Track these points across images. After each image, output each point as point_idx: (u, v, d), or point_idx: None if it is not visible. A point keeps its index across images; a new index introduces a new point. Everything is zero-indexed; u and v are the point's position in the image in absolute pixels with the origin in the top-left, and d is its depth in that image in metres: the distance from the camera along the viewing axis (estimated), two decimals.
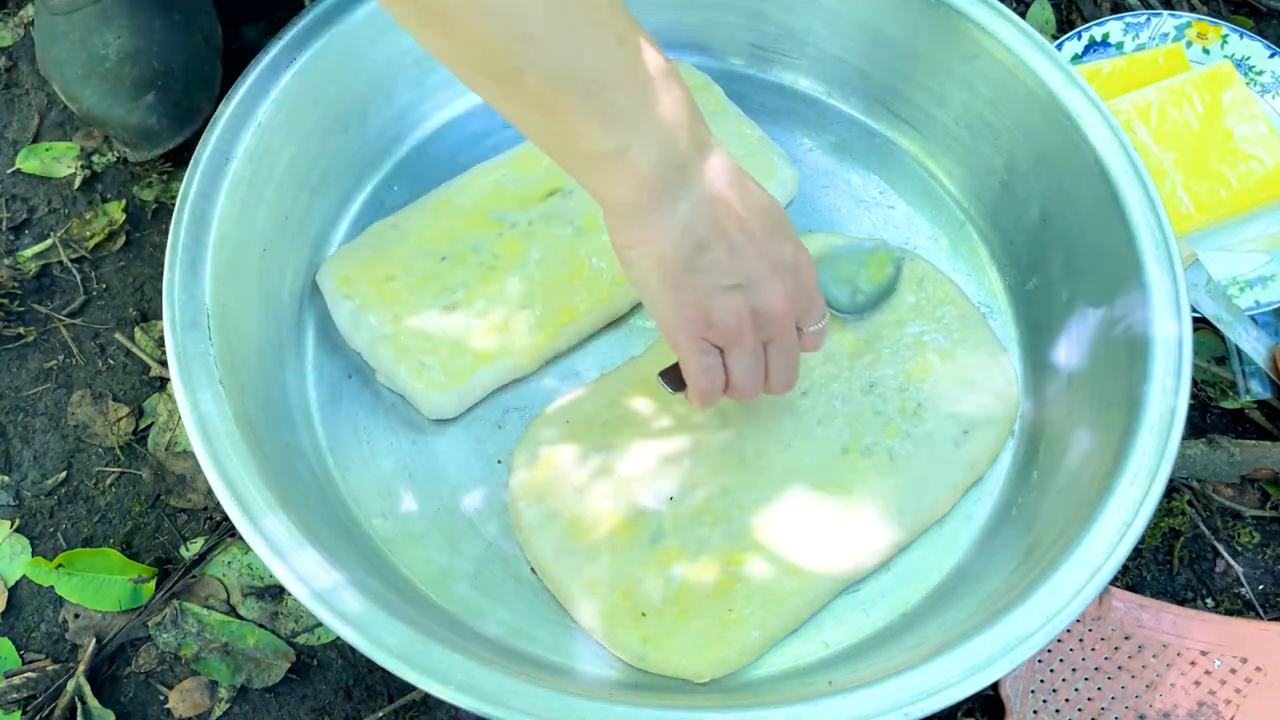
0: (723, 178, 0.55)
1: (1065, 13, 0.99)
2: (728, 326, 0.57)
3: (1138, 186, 0.70)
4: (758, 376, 0.61)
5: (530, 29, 0.48)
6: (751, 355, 0.59)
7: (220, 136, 0.68)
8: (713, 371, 0.60)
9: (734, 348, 0.59)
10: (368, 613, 0.56)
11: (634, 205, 0.54)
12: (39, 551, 0.75)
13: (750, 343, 0.59)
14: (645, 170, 0.52)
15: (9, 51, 0.91)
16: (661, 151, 0.52)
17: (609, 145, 0.51)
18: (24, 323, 0.81)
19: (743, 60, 0.85)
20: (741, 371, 0.60)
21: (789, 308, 0.58)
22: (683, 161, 0.53)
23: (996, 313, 0.78)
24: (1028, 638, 0.57)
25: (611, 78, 0.50)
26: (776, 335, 0.59)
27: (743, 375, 0.60)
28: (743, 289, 0.56)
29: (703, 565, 0.66)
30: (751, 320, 0.57)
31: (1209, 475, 0.78)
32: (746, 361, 0.60)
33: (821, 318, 0.62)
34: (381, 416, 0.73)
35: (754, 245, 0.56)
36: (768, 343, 0.60)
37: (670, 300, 0.57)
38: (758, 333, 0.58)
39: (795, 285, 0.58)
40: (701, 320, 0.57)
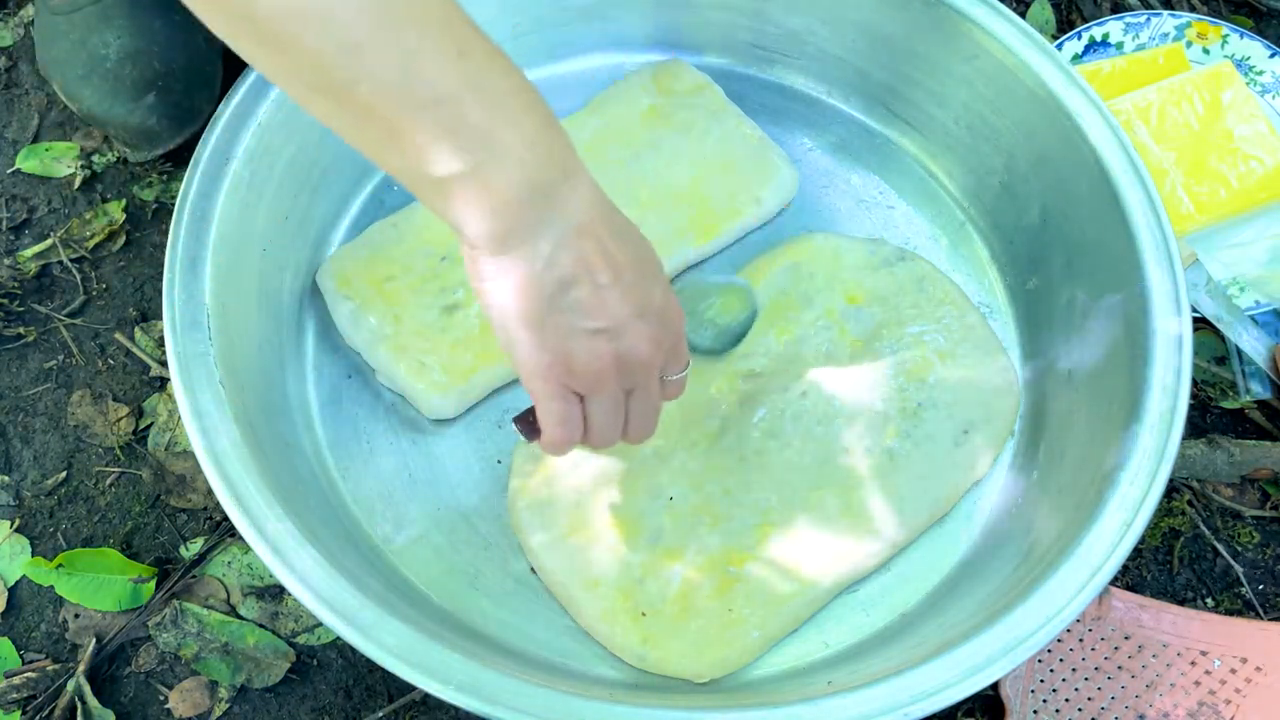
0: (593, 209, 0.50)
1: (1065, 13, 0.99)
2: (590, 373, 0.53)
3: (1138, 186, 0.70)
4: (617, 426, 0.57)
5: (355, 37, 0.44)
6: (612, 403, 0.56)
7: (220, 136, 0.68)
8: (570, 421, 0.56)
9: (595, 395, 0.55)
10: (368, 613, 0.56)
11: (492, 234, 0.48)
12: (39, 551, 0.75)
13: (612, 390, 0.55)
14: (503, 192, 0.47)
15: (9, 51, 0.91)
16: (522, 172, 0.47)
17: (459, 165, 0.46)
18: (24, 323, 0.81)
19: (743, 60, 0.85)
20: (601, 420, 0.56)
21: (655, 356, 0.54)
22: (547, 185, 0.48)
23: (996, 313, 0.78)
24: (1028, 638, 0.57)
25: (455, 91, 0.46)
26: (640, 383, 0.56)
27: (602, 424, 0.56)
28: (608, 333, 0.52)
29: (703, 565, 0.66)
30: (615, 367, 0.53)
31: (1209, 475, 0.78)
32: (607, 409, 0.56)
33: (684, 367, 0.59)
34: (381, 416, 0.73)
35: (622, 287, 0.51)
36: (630, 391, 0.56)
37: (530, 342, 0.52)
38: (620, 380, 0.54)
39: (662, 331, 0.54)
40: (562, 365, 0.52)
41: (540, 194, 0.48)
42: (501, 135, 0.47)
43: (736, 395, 0.71)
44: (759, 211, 0.79)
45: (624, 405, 0.57)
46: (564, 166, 0.49)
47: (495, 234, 0.49)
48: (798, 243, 0.78)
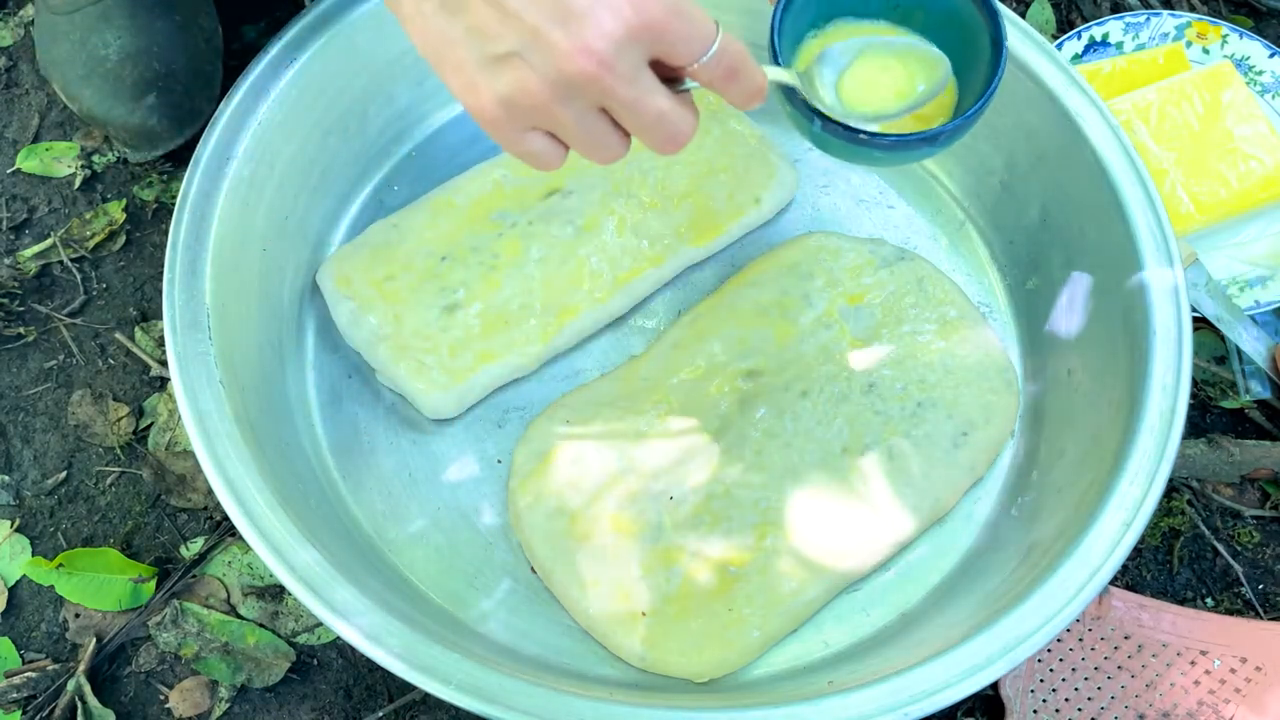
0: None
1: (1065, 13, 0.99)
2: (517, 104, 0.47)
3: (1138, 186, 0.70)
4: (602, 143, 0.49)
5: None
6: (576, 127, 0.48)
7: (220, 136, 0.68)
8: (544, 155, 0.50)
9: (548, 126, 0.48)
10: (368, 613, 0.56)
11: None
12: (39, 551, 0.75)
13: (564, 116, 0.47)
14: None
15: (9, 51, 0.91)
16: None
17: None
18: (24, 322, 0.81)
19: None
20: (578, 144, 0.49)
21: (590, 65, 0.45)
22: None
23: (996, 313, 0.78)
24: (1028, 638, 0.57)
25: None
26: (603, 97, 0.47)
27: (582, 147, 0.49)
28: (519, 55, 0.46)
29: (703, 565, 0.66)
30: (548, 92, 0.46)
31: (1209, 475, 0.78)
32: (575, 136, 0.48)
33: (705, 49, 0.48)
34: (381, 416, 0.73)
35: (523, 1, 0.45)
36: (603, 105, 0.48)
37: (455, 85, 0.48)
38: (569, 102, 0.47)
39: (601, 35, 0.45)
40: (489, 102, 0.47)
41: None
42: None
43: (736, 395, 0.71)
44: (759, 211, 0.79)
45: (601, 122, 0.49)
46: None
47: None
48: (798, 243, 0.78)
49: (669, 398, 0.71)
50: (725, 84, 0.50)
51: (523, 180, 0.77)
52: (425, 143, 0.82)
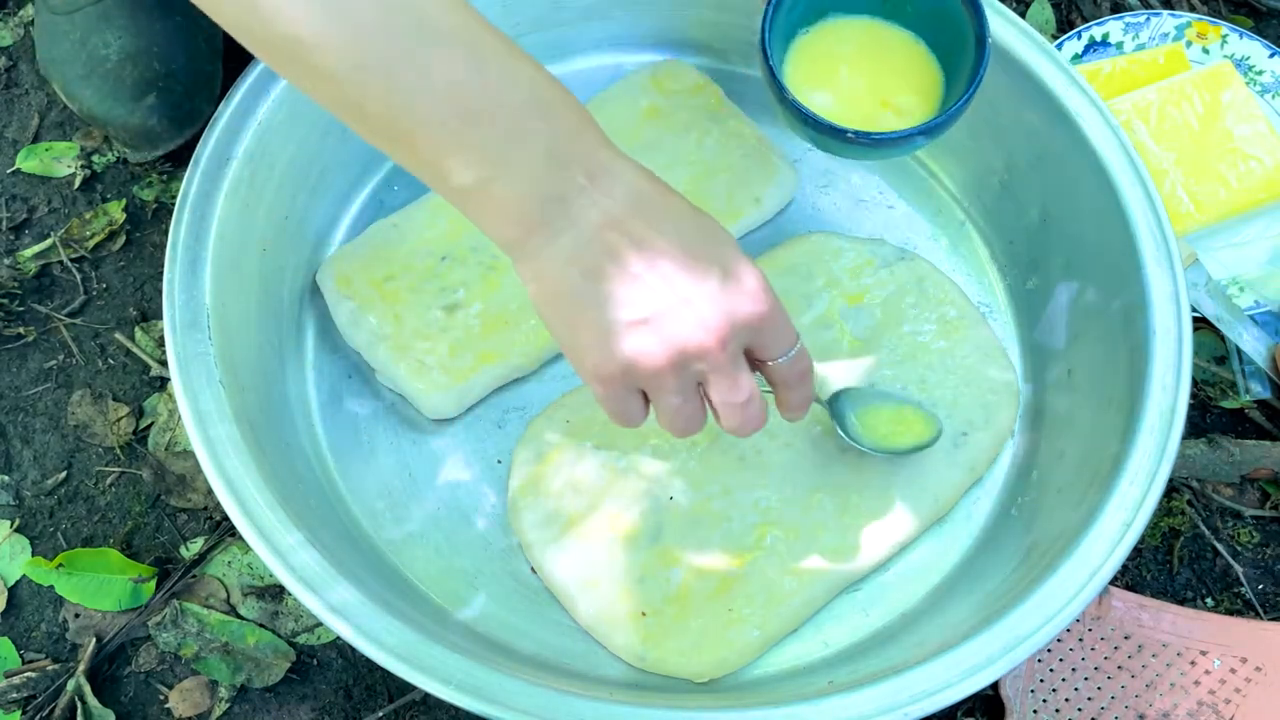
0: (621, 204, 0.49)
1: (1065, 13, 0.99)
2: (634, 368, 0.50)
3: (1138, 186, 0.70)
4: (691, 420, 0.53)
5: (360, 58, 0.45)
6: (677, 397, 0.52)
7: (220, 136, 0.68)
8: (631, 416, 0.53)
9: (652, 391, 0.52)
10: (368, 613, 0.56)
11: (510, 241, 0.50)
12: (39, 551, 0.75)
13: (672, 384, 0.51)
14: (512, 205, 0.48)
15: (9, 51, 0.91)
16: (534, 186, 0.48)
17: (470, 179, 0.48)
18: (24, 322, 0.81)
19: (743, 60, 0.85)
20: (667, 418, 0.53)
21: (712, 340, 0.50)
22: (562, 192, 0.48)
23: (996, 313, 0.78)
24: (1028, 638, 0.57)
25: (465, 109, 0.47)
26: (709, 373, 0.51)
27: (670, 421, 0.53)
28: (649, 324, 0.49)
29: (703, 565, 0.66)
30: (667, 360, 0.50)
31: (1209, 475, 0.78)
32: (671, 405, 0.52)
33: (789, 348, 0.54)
34: (381, 416, 0.73)
35: (660, 274, 0.49)
36: (703, 382, 0.52)
37: (567, 342, 0.51)
38: (678, 374, 0.50)
39: (722, 316, 0.50)
40: (607, 362, 0.50)
41: (555, 203, 0.48)
42: (512, 151, 0.47)
43: None
44: (759, 211, 0.79)
45: (695, 398, 0.53)
46: (588, 171, 0.49)
47: (513, 240, 0.50)
48: (798, 243, 0.77)
49: None
50: (793, 384, 0.56)
51: None
52: None
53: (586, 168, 0.49)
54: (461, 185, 0.48)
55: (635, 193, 0.50)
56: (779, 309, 0.52)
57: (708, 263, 0.50)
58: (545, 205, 0.48)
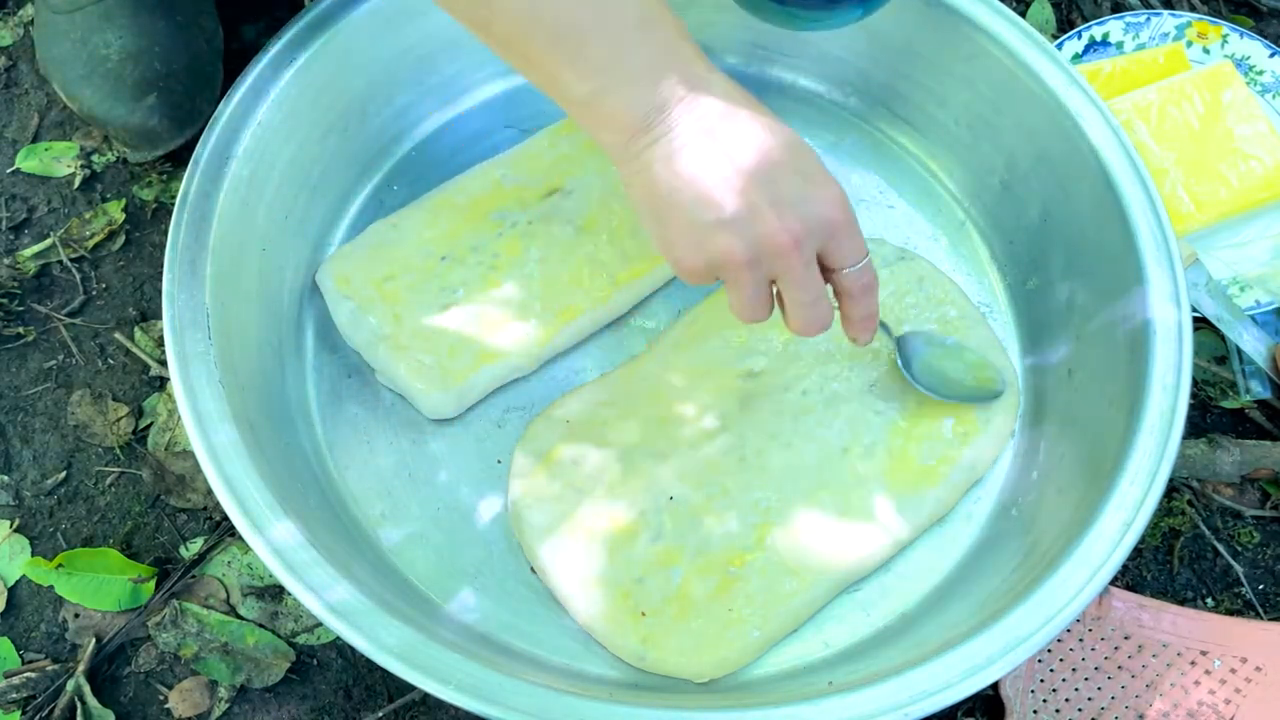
0: (715, 114, 0.54)
1: (1065, 12, 0.99)
2: (716, 264, 0.56)
3: (1138, 186, 0.70)
4: (758, 310, 0.58)
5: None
6: (750, 288, 0.57)
7: (220, 136, 0.68)
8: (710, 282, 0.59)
9: (729, 283, 0.57)
10: (368, 613, 0.56)
11: (616, 145, 0.55)
12: (39, 551, 0.75)
13: (748, 279, 0.56)
14: (620, 113, 0.54)
15: (9, 51, 0.91)
16: (636, 94, 0.53)
17: (582, 91, 0.54)
18: (24, 322, 0.81)
19: (743, 60, 0.85)
20: (740, 305, 0.58)
21: (789, 242, 0.54)
22: (663, 103, 0.54)
23: (996, 313, 0.78)
24: (1028, 638, 0.57)
25: (577, 25, 0.52)
26: (782, 272, 0.56)
27: (742, 308, 0.58)
28: (731, 225, 0.54)
29: (703, 565, 0.66)
30: (747, 257, 0.55)
31: (1209, 475, 0.78)
32: (744, 295, 0.57)
33: (857, 260, 0.58)
34: (381, 416, 0.73)
35: (744, 179, 0.54)
36: (777, 279, 0.57)
37: (660, 235, 0.57)
38: (754, 269, 0.56)
39: (800, 221, 0.54)
40: (691, 256, 0.56)
41: (657, 110, 0.54)
42: (619, 66, 0.53)
43: (736, 395, 0.71)
44: None
45: (766, 292, 0.58)
46: (686, 82, 0.54)
47: (618, 145, 0.55)
48: None
49: (669, 398, 0.71)
50: (858, 296, 0.60)
51: (522, 180, 0.77)
52: (425, 143, 0.82)
53: (686, 79, 0.54)
54: (575, 95, 0.54)
55: (727, 103, 0.54)
56: (851, 219, 0.57)
57: (789, 170, 0.55)
58: (648, 113, 0.54)
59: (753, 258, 0.55)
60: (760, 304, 0.58)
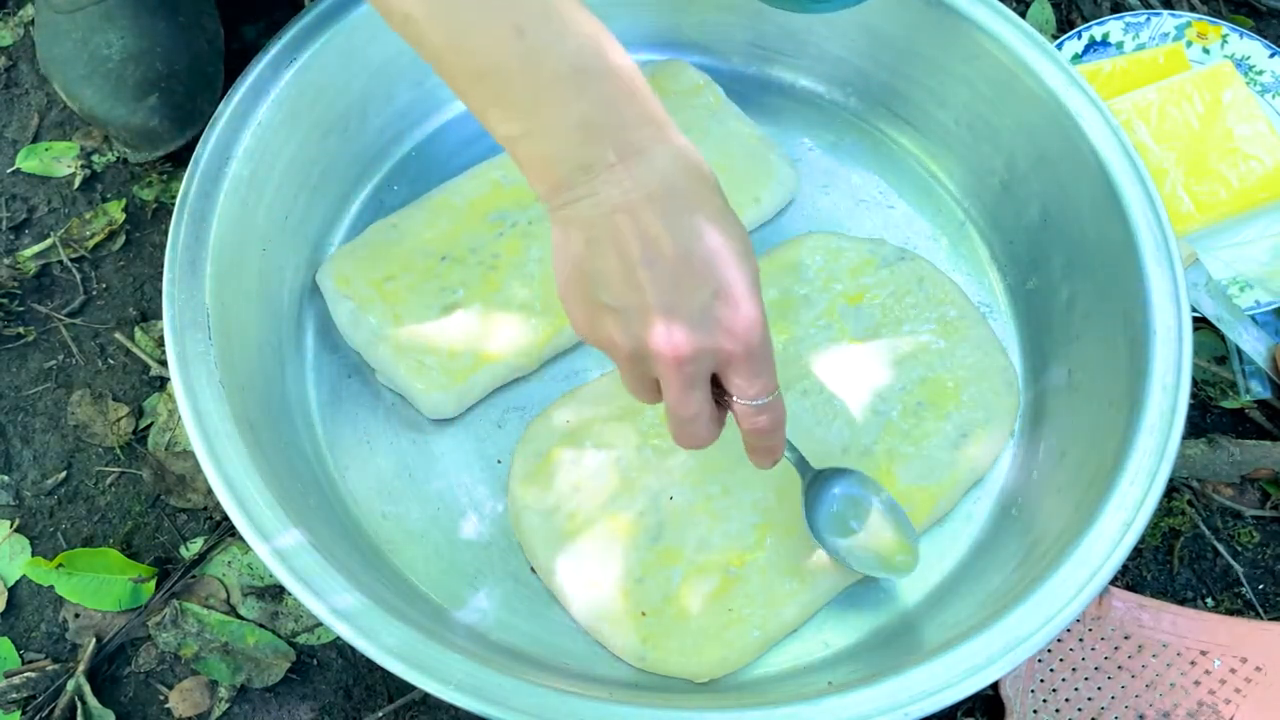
0: (643, 190, 0.50)
1: (1065, 12, 0.99)
2: (600, 344, 0.54)
3: (1138, 186, 0.70)
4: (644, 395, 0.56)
5: (409, 10, 0.49)
6: (633, 378, 0.54)
7: (220, 136, 0.68)
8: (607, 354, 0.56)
9: (614, 361, 0.55)
10: (368, 613, 0.56)
11: (540, 192, 0.52)
12: (39, 551, 0.75)
13: (628, 369, 0.54)
14: (541, 164, 0.51)
15: (9, 51, 0.91)
16: (560, 149, 0.50)
17: (506, 132, 0.51)
18: (24, 322, 0.81)
19: (743, 60, 0.85)
20: (626, 384, 0.56)
21: (669, 357, 0.50)
22: (589, 164, 0.49)
23: (996, 313, 0.78)
24: (1028, 638, 0.57)
25: (500, 68, 0.49)
26: (665, 379, 0.52)
27: (629, 388, 0.56)
28: (621, 314, 0.51)
29: (703, 565, 0.66)
30: (627, 351, 0.52)
31: (1209, 475, 0.78)
32: (629, 380, 0.55)
33: (758, 395, 0.53)
34: (381, 416, 0.73)
35: (653, 272, 0.49)
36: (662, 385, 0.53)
37: (563, 295, 0.54)
38: (635, 364, 0.53)
39: (689, 340, 0.50)
40: (580, 326, 0.54)
41: (582, 170, 0.50)
42: (543, 115, 0.49)
43: None
44: (759, 211, 0.79)
45: (653, 385, 0.54)
46: (620, 149, 0.50)
47: (543, 195, 0.52)
48: (798, 243, 0.77)
49: None
50: (755, 432, 0.56)
51: (522, 180, 0.77)
52: (425, 143, 0.82)
53: (618, 145, 0.50)
54: (501, 135, 0.51)
55: (662, 182, 0.50)
56: (755, 353, 0.52)
57: (702, 281, 0.50)
58: (572, 172, 0.50)
59: (630, 355, 0.52)
60: (644, 392, 0.55)
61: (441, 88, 0.80)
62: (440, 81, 0.81)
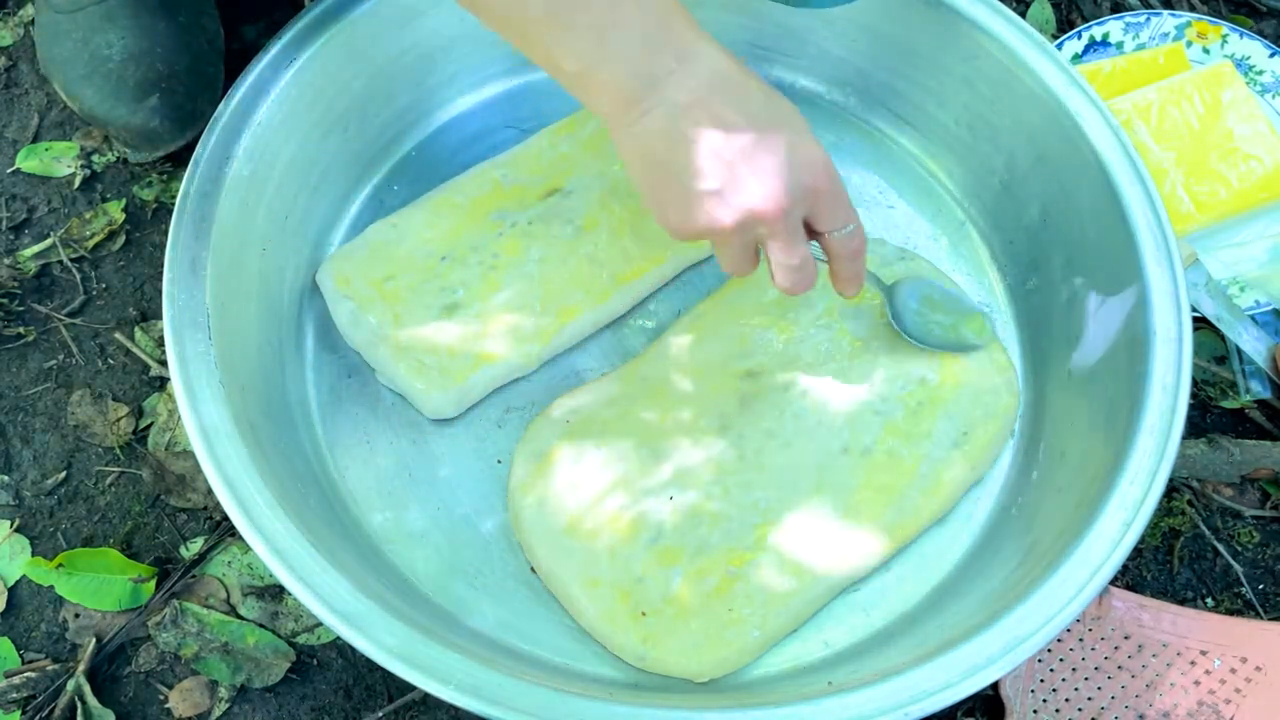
0: (705, 84, 0.56)
1: (1065, 12, 0.99)
2: (704, 229, 0.58)
3: (1138, 186, 0.70)
4: (745, 264, 0.61)
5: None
6: (737, 249, 0.60)
7: (220, 136, 0.68)
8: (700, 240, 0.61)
9: (718, 245, 0.60)
10: (368, 613, 0.56)
11: (611, 114, 0.57)
12: (39, 551, 0.75)
13: (735, 242, 0.59)
14: (612, 85, 0.56)
15: (9, 51, 0.91)
16: (628, 68, 0.55)
17: (576, 64, 0.55)
18: (24, 322, 0.81)
19: (742, 60, 0.85)
20: (727, 263, 0.61)
21: (773, 210, 0.57)
22: (654, 75, 0.55)
23: (996, 313, 0.78)
24: (1028, 638, 0.57)
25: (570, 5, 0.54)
26: (767, 237, 0.59)
27: (729, 265, 0.61)
28: (719, 194, 0.56)
29: (703, 565, 0.66)
30: (733, 223, 0.57)
31: (1209, 475, 0.78)
32: (733, 256, 0.60)
33: (845, 224, 0.61)
34: (381, 416, 0.73)
35: (732, 149, 0.56)
36: (762, 242, 0.60)
37: (652, 199, 0.59)
38: (741, 234, 0.58)
39: (784, 189, 0.56)
40: (681, 221, 0.58)
41: (649, 82, 0.55)
42: (610, 38, 0.55)
43: (736, 395, 0.71)
44: None
45: (753, 253, 0.61)
46: (678, 54, 0.56)
47: (614, 114, 0.57)
48: None
49: (669, 398, 0.71)
50: (844, 258, 0.63)
51: (522, 180, 0.77)
52: (425, 143, 0.82)
53: (676, 52, 0.56)
54: (569, 68, 0.56)
55: (718, 74, 0.56)
56: (837, 186, 0.60)
57: (777, 139, 0.56)
58: (641, 85, 0.55)
59: (738, 224, 0.57)
60: (746, 262, 0.61)
61: (442, 88, 0.81)
62: (441, 81, 0.82)
